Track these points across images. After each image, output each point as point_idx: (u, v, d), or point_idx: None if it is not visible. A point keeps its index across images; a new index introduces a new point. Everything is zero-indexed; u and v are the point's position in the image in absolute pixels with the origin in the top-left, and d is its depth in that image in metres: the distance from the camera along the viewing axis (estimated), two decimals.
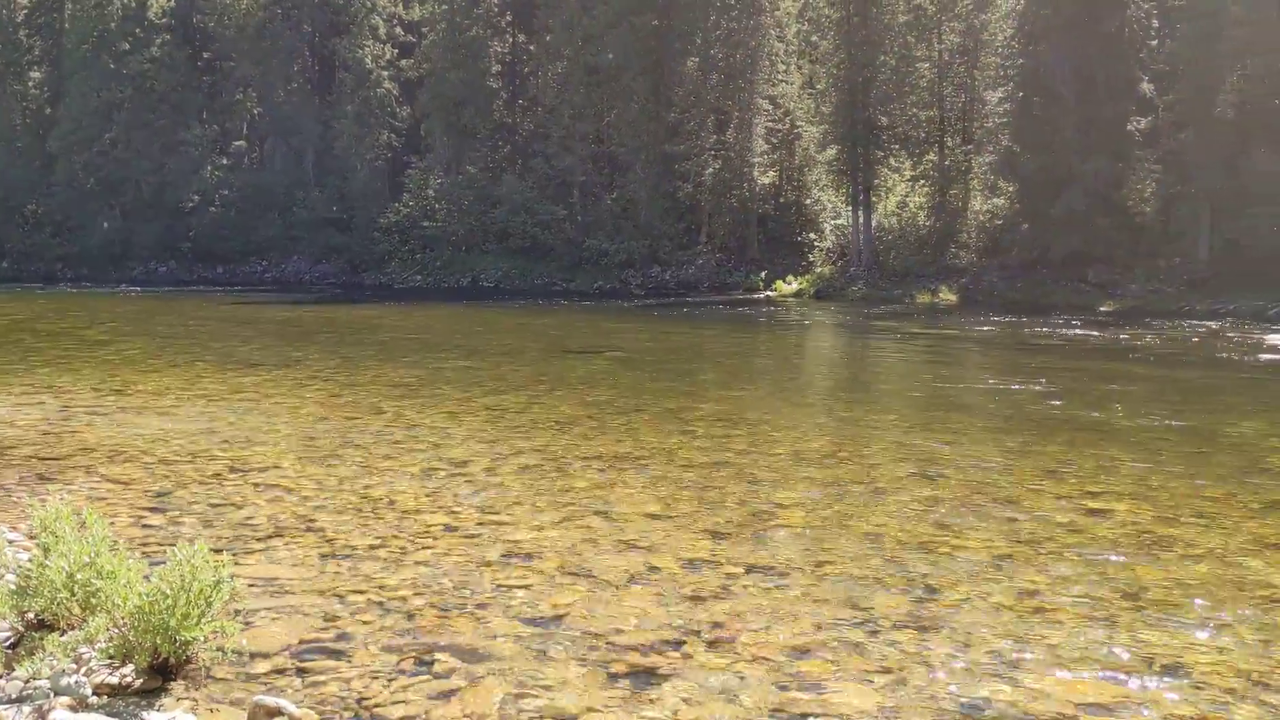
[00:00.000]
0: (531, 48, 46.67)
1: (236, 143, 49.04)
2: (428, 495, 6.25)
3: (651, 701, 3.40)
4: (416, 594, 4.46)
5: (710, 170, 39.98)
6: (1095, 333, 21.54)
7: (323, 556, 4.99)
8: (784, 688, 3.50)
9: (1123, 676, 3.62)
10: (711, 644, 3.88)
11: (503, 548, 5.14)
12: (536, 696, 3.43)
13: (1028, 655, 3.80)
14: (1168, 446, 8.25)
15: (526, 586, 4.55)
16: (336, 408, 9.77)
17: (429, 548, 5.15)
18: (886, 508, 6.08)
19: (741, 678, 3.57)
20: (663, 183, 40.60)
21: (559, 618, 4.16)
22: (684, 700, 3.41)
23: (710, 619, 4.14)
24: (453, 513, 5.83)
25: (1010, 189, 36.27)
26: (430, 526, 5.54)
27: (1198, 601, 4.42)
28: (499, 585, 4.57)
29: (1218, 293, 28.87)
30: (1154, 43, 34.88)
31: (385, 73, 47.19)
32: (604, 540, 5.28)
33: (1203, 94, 31.24)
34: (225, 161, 47.26)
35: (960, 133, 39.87)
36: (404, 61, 47.40)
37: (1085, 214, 32.04)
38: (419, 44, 46.96)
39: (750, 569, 4.82)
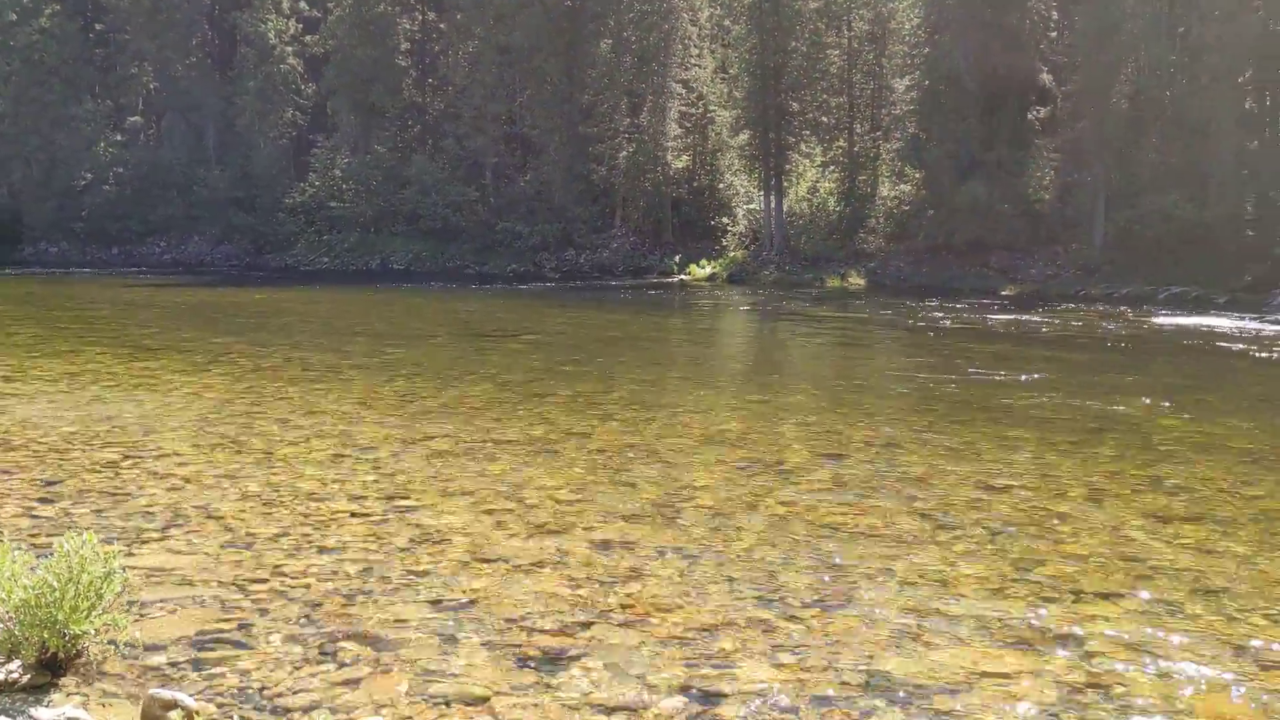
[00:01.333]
0: (442, 26, 45.77)
1: (132, 119, 46.94)
2: (334, 481, 6.10)
3: (561, 684, 3.39)
4: (321, 582, 4.36)
5: (624, 153, 39.93)
6: (997, 316, 22.27)
7: (223, 546, 4.84)
8: (693, 665, 3.53)
9: (1018, 647, 3.76)
10: (622, 625, 3.89)
11: (411, 533, 5.06)
12: (444, 682, 3.39)
13: (929, 628, 3.91)
14: (1064, 425, 8.59)
15: (435, 572, 4.49)
16: (239, 394, 9.47)
17: (334, 535, 5.03)
18: (796, 487, 6.18)
19: (651, 657, 3.59)
20: (576, 165, 40.40)
21: (468, 603, 4.12)
22: (593, 681, 3.41)
23: (621, 600, 4.15)
24: (359, 499, 5.71)
25: (917, 175, 37.18)
26: (336, 513, 5.41)
27: (1090, 574, 4.61)
28: (407, 571, 4.50)
29: (1111, 277, 30.15)
30: (1053, 34, 36.10)
31: (289, 48, 45.75)
32: (515, 524, 5.24)
33: (1099, 85, 32.49)
34: (120, 138, 45.24)
35: (869, 120, 40.66)
36: (309, 37, 46.01)
37: (988, 201, 33.06)
38: (324, 19, 45.63)
39: (662, 550, 4.85)
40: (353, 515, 5.38)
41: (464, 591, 4.25)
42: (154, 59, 45.80)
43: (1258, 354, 15.62)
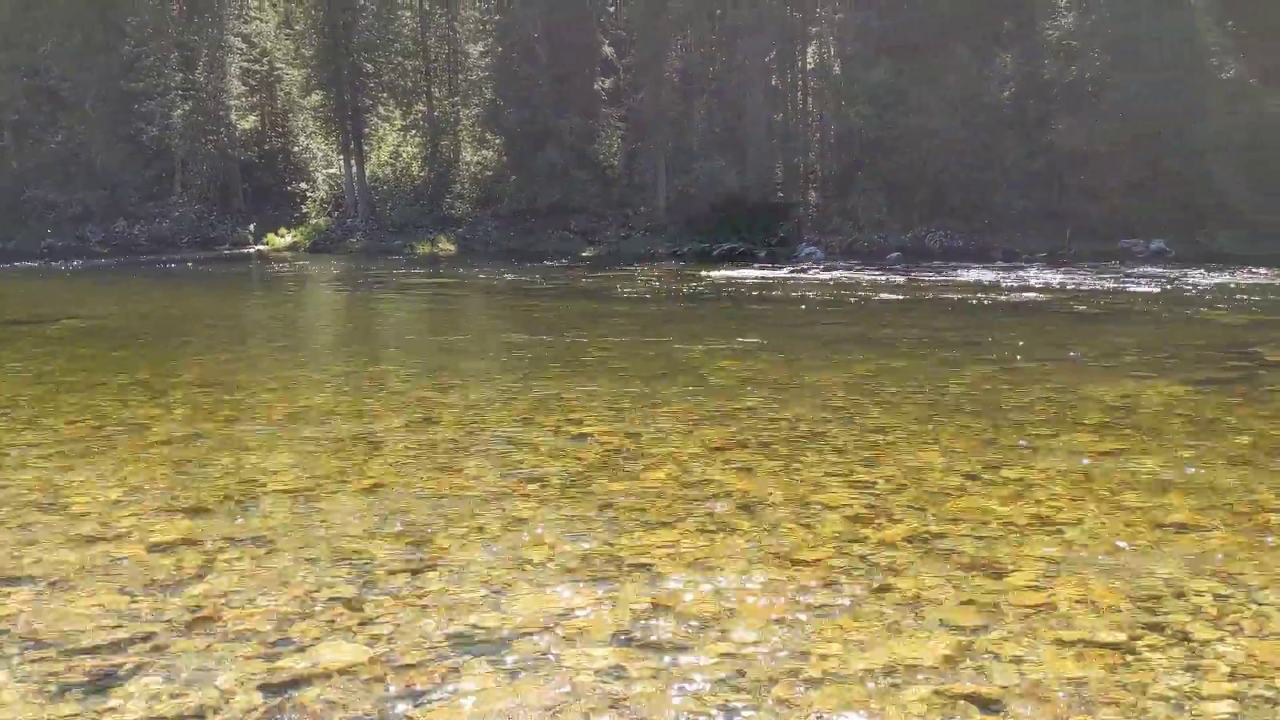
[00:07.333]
0: None
1: None
2: None
3: (114, 705, 3.01)
4: None
5: (179, 111, 36.07)
6: (578, 277, 23.54)
7: None
8: (271, 658, 3.31)
9: (597, 581, 4.00)
10: (186, 630, 3.53)
11: None
12: None
13: (514, 580, 4.03)
14: (636, 372, 9.30)
15: None
16: None
17: None
18: (385, 459, 6.04)
19: (221, 658, 3.31)
20: (121, 124, 35.76)
21: None
22: (154, 695, 3.06)
23: (186, 604, 3.77)
24: None
25: (497, 141, 37.92)
26: None
27: (657, 503, 5.03)
28: None
29: (675, 237, 33.19)
30: (611, 9, 38.48)
31: None
32: (53, 537, 4.54)
33: (653, 60, 35.30)
34: None
35: (447, 84, 40.60)
36: None
37: (564, 167, 34.70)
38: None
39: (235, 542, 4.49)
40: None
41: None
42: None
43: (787, 299, 18.15)
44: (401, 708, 3.01)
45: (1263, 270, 21.75)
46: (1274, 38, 30.18)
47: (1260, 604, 3.70)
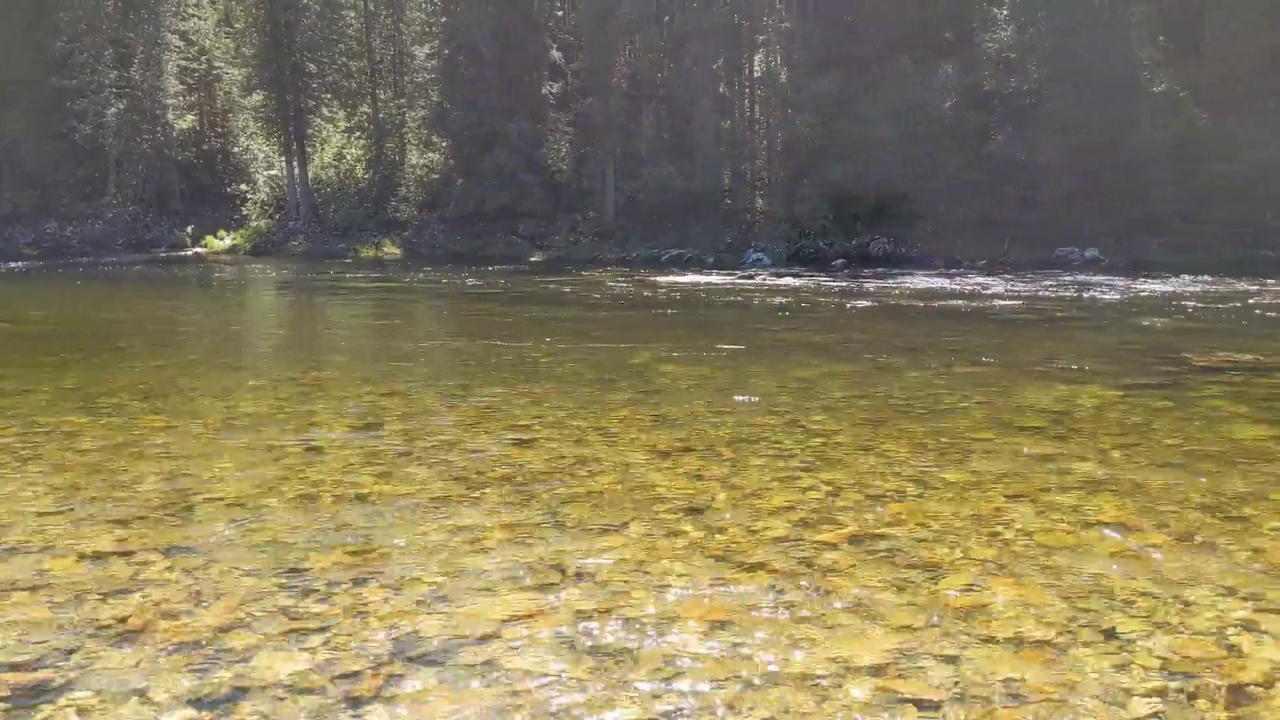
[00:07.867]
0: None
1: None
2: None
3: None
4: None
5: (113, 110, 35.20)
6: (527, 282, 23.43)
7: None
8: (205, 670, 3.24)
9: (541, 588, 3.98)
10: (117, 642, 3.44)
11: None
12: None
13: (459, 586, 3.99)
14: (585, 377, 9.29)
15: None
16: None
17: None
18: (326, 465, 5.95)
19: (154, 671, 3.23)
20: (53, 122, 34.79)
21: None
22: (81, 711, 2.98)
23: (117, 615, 3.67)
24: None
25: (444, 144, 37.63)
26: None
27: (604, 509, 5.03)
28: None
29: (623, 242, 33.23)
30: (560, 13, 38.47)
31: None
32: None
33: (601, 65, 35.34)
34: None
35: (393, 86, 40.21)
36: None
37: (512, 171, 34.56)
38: None
39: (169, 552, 4.38)
40: None
41: None
42: None
43: (733, 305, 18.28)
44: (341, 719, 2.96)
45: (1190, 278, 22.46)
46: (1201, 53, 31.21)
47: (1187, 601, 3.82)
